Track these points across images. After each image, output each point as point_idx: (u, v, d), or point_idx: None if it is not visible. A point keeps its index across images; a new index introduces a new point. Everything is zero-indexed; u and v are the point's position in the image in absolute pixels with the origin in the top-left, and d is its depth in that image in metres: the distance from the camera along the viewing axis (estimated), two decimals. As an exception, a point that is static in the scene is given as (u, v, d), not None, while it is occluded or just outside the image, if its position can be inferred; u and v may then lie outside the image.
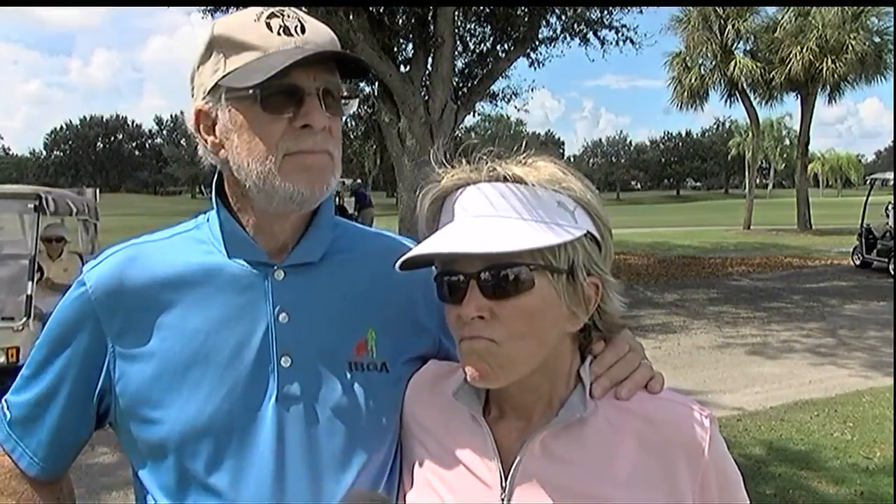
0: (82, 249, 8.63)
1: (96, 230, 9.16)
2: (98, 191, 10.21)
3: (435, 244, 0.98)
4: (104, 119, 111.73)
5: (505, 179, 0.98)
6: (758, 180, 48.78)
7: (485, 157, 1.01)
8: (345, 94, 1.11)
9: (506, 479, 1.02)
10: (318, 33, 1.09)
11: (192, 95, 1.12)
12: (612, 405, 1.02)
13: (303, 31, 1.07)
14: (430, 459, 1.10)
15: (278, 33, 1.05)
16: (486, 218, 0.97)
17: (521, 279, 0.95)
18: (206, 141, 1.12)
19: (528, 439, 1.02)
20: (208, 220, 1.19)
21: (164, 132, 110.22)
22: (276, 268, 1.13)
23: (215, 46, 1.07)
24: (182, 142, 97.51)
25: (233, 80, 1.05)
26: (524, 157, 1.01)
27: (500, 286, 0.95)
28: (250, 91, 1.04)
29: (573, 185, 0.99)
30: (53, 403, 1.15)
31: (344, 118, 1.17)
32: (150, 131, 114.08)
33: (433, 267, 1.06)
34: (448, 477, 1.07)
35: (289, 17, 1.07)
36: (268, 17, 1.06)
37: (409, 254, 1.00)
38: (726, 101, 30.65)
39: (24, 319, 6.42)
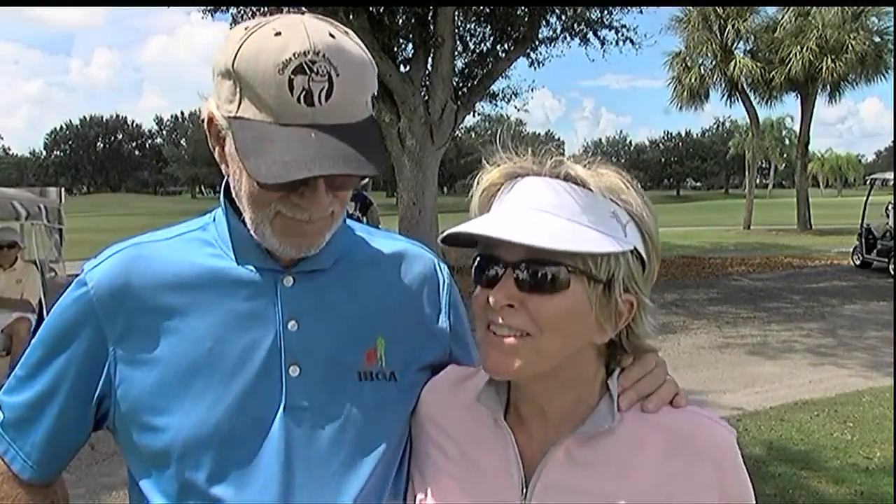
0: (43, 257, 7.67)
1: (61, 236, 8.26)
2: (63, 191, 9.10)
3: (482, 226, 0.96)
4: (104, 119, 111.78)
5: (566, 178, 0.97)
6: (758, 180, 48.79)
7: (552, 150, 1.00)
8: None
9: (527, 487, 1.01)
10: (346, 96, 0.97)
11: (213, 88, 1.02)
12: (637, 417, 1.02)
13: (328, 95, 0.95)
14: (448, 464, 1.09)
15: (298, 100, 0.94)
16: (538, 212, 0.96)
17: (558, 278, 0.94)
18: (212, 146, 1.07)
19: (551, 447, 1.01)
20: (214, 219, 1.15)
21: (164, 132, 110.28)
22: (285, 274, 1.10)
23: (234, 76, 0.97)
24: (182, 142, 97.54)
25: (238, 132, 0.98)
26: (589, 161, 1.00)
27: (535, 281, 0.94)
28: None
29: (632, 200, 0.98)
30: (49, 406, 1.11)
31: None
32: (150, 131, 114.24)
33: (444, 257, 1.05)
34: (466, 482, 1.06)
35: (317, 74, 0.94)
36: (293, 72, 0.93)
37: (457, 229, 0.97)
38: (726, 101, 30.70)
39: None
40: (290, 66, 0.94)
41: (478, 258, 1.00)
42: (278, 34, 0.96)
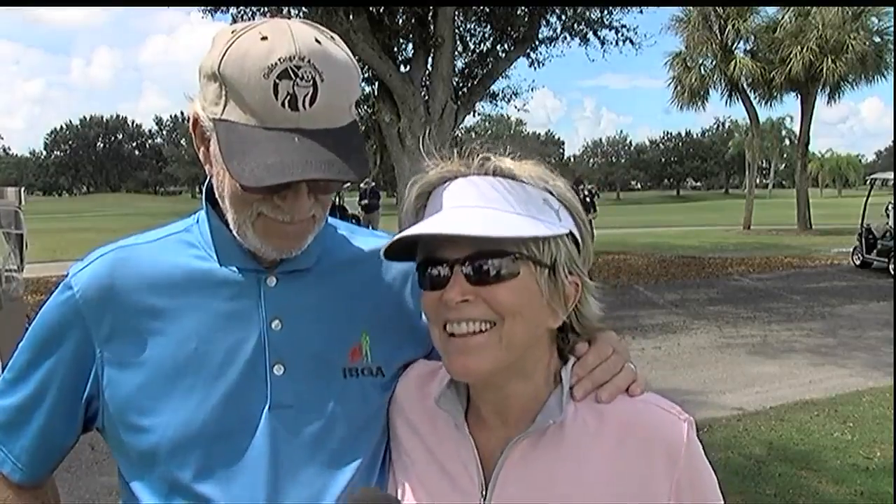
0: None
1: (22, 241, 7.53)
2: (23, 191, 8.29)
3: (420, 227, 0.97)
4: (104, 119, 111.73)
5: (495, 173, 0.99)
6: (758, 180, 48.73)
7: (476, 149, 1.01)
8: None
9: (486, 487, 1.02)
10: (330, 102, 0.98)
11: (199, 90, 1.04)
12: (592, 408, 1.02)
13: (312, 101, 0.96)
14: (413, 464, 1.10)
15: (283, 104, 0.95)
16: (474, 209, 0.97)
17: (505, 268, 0.96)
18: (197, 147, 1.08)
19: (507, 446, 1.02)
20: (198, 221, 1.16)
21: (164, 132, 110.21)
22: (267, 274, 1.11)
23: (220, 79, 0.98)
24: (182, 142, 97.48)
25: (222, 134, 0.98)
26: (512, 156, 1.02)
27: (484, 273, 0.96)
28: None
29: (559, 185, 1.01)
30: (38, 409, 1.12)
31: None
32: (150, 131, 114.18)
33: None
34: (429, 483, 1.07)
35: (302, 79, 0.95)
36: (279, 76, 0.94)
37: (394, 238, 0.99)
38: (726, 101, 30.71)
39: None
40: (276, 71, 0.95)
41: (422, 264, 1.01)
42: (264, 38, 0.97)
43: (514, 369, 1.00)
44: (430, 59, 11.87)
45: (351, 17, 11.06)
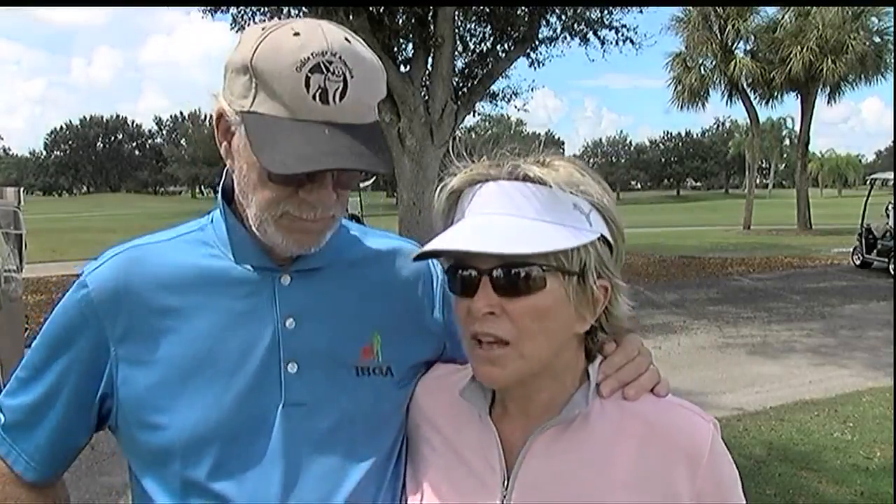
0: None
1: (21, 241, 7.37)
2: (22, 191, 8.15)
3: (452, 240, 0.98)
4: (104, 119, 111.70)
5: (524, 178, 0.99)
6: (758, 180, 48.78)
7: (507, 154, 1.01)
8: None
9: (508, 478, 1.02)
10: (359, 98, 1.00)
11: (224, 84, 1.05)
12: (617, 406, 1.03)
13: (342, 96, 0.98)
14: (435, 458, 1.11)
15: (314, 97, 0.97)
16: (503, 216, 0.98)
17: (533, 279, 0.96)
18: (219, 142, 1.08)
19: (531, 437, 1.03)
20: (212, 221, 1.17)
21: (164, 132, 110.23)
22: (282, 273, 1.12)
23: (251, 72, 0.99)
24: (182, 142, 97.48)
25: (252, 126, 1.00)
26: (543, 157, 1.01)
27: (512, 285, 0.96)
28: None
29: (590, 188, 1.00)
30: (52, 408, 1.12)
31: None
32: (149, 131, 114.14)
33: (438, 261, 1.08)
34: (451, 475, 1.08)
35: (333, 74, 0.97)
36: (311, 70, 0.97)
37: (426, 248, 1.00)
38: (726, 101, 30.74)
39: None
40: (308, 65, 0.97)
41: (451, 269, 1.02)
42: (297, 34, 0.99)
43: (538, 373, 1.02)
44: (430, 59, 11.86)
45: (351, 17, 11.05)
